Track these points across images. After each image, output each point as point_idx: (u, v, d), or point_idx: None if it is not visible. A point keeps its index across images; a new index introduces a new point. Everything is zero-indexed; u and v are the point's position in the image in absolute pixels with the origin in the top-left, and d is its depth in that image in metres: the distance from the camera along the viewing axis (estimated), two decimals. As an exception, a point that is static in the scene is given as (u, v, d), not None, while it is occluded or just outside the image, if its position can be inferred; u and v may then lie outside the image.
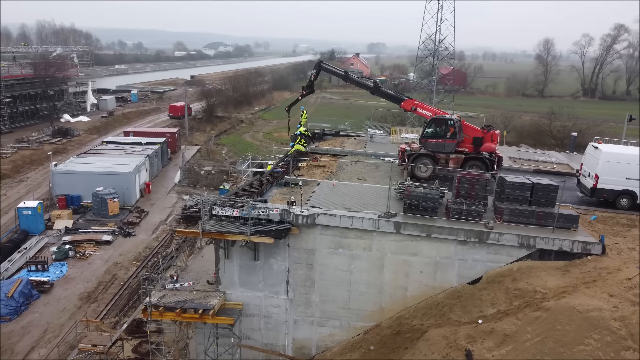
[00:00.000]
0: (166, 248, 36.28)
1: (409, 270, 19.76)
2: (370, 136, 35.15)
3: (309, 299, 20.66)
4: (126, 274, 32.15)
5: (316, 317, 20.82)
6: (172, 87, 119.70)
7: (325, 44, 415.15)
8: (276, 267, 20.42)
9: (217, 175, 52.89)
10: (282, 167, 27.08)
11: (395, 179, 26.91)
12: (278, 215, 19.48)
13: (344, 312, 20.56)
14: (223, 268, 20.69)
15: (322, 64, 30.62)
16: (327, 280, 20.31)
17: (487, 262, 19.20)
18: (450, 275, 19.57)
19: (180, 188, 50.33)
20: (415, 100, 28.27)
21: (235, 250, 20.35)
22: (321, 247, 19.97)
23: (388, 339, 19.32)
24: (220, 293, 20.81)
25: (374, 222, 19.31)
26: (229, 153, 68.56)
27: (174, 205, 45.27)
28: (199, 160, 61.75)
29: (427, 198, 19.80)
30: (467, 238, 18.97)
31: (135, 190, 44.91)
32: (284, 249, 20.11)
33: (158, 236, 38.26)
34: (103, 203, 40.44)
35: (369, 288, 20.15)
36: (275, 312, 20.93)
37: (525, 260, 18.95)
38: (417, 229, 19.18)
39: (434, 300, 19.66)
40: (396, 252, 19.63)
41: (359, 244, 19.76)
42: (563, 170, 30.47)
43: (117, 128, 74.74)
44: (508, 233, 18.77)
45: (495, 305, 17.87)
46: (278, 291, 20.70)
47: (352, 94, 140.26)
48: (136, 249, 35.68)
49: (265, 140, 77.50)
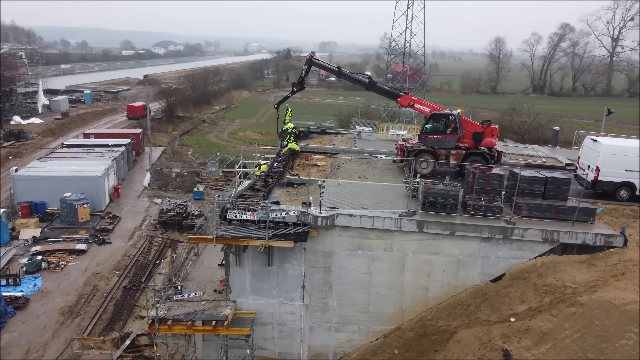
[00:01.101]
0: (146, 255, 34.29)
1: (431, 269, 19.16)
2: (358, 133, 34.47)
3: (326, 304, 19.70)
4: (107, 284, 30.08)
5: (333, 323, 19.89)
6: (126, 87, 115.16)
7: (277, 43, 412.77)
8: (291, 272, 19.35)
9: (188, 177, 50.85)
10: (279, 166, 25.98)
11: (395, 176, 26.46)
12: (295, 218, 18.43)
13: (363, 316, 19.75)
14: (234, 275, 19.41)
15: (313, 59, 29.63)
16: (345, 283, 19.42)
17: (510, 259, 18.87)
18: (473, 273, 19.12)
19: (150, 191, 48.03)
20: (412, 95, 27.76)
21: (247, 256, 19.14)
22: (340, 249, 19.07)
23: (413, 342, 18.66)
24: (231, 302, 19.53)
25: (396, 222, 18.59)
26: (195, 154, 66.37)
27: (147, 209, 43.05)
28: (166, 162, 59.36)
29: (446, 195, 19.27)
30: (492, 235, 18.56)
31: (105, 195, 42.44)
32: (299, 252, 19.06)
33: (135, 243, 36.15)
34: (72, 209, 37.89)
35: (389, 290, 19.42)
36: (290, 320, 19.85)
37: (548, 255, 18.74)
38: (440, 227, 18.60)
39: (457, 300, 19.15)
40: (418, 252, 18.99)
41: (380, 245, 18.99)
42: (552, 164, 30.77)
43: (74, 130, 70.87)
44: (532, 228, 18.49)
45: (526, 303, 17.53)
46: (293, 297, 19.62)
47: (311, 93, 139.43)
48: (114, 257, 33.53)
49: (230, 140, 75.65)
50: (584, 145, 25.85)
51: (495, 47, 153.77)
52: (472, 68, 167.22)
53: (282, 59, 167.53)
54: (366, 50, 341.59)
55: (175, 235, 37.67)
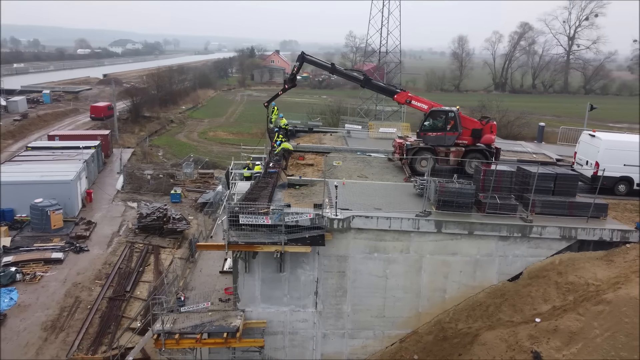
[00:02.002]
0: (128, 263, 32.53)
1: (448, 270, 18.63)
2: (348, 132, 33.78)
3: (340, 309, 18.89)
4: (90, 295, 28.25)
5: (347, 329, 19.10)
6: (86, 87, 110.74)
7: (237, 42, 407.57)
8: (304, 277, 18.43)
9: (164, 179, 48.95)
10: (275, 167, 25.00)
11: (395, 174, 25.88)
12: (309, 221, 17.52)
13: (378, 320, 19.04)
14: (242, 283, 18.34)
15: (305, 55, 28.69)
16: (360, 287, 18.66)
17: (527, 257, 18.56)
18: (490, 273, 18.71)
19: (124, 195, 45.87)
20: (409, 92, 27.24)
21: (257, 263, 18.10)
22: (355, 253, 18.29)
23: (433, 346, 18.07)
24: (240, 311, 18.46)
25: (414, 222, 17.95)
26: (166, 155, 64.22)
27: (123, 214, 41.02)
28: (137, 163, 57.05)
29: (461, 193, 18.77)
30: (510, 233, 18.19)
31: (78, 199, 40.18)
32: (312, 257, 18.17)
33: (115, 250, 34.26)
34: (44, 216, 35.61)
35: (405, 293, 18.78)
36: (302, 328, 18.93)
37: (565, 253, 18.51)
38: (458, 227, 18.09)
39: (475, 301, 18.69)
40: (435, 253, 18.42)
41: (396, 247, 18.31)
42: (543, 160, 30.91)
43: (35, 132, 67.37)
44: (551, 226, 18.22)
45: (549, 302, 17.20)
46: (305, 304, 18.71)
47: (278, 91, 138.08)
48: (94, 265, 31.62)
49: (201, 141, 73.66)
50: (581, 140, 25.96)
51: (458, 45, 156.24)
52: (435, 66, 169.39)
53: (246, 58, 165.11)
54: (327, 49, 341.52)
55: (156, 241, 35.93)
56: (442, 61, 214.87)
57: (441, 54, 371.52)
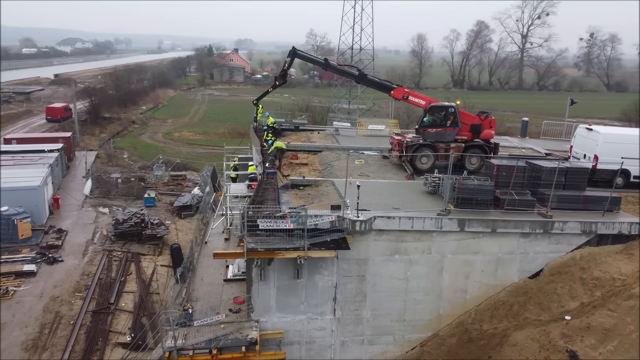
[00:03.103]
0: (108, 272, 30.55)
1: (470, 270, 18.07)
2: (336, 129, 32.91)
3: (360, 315, 18.00)
4: (71, 309, 26.24)
5: (367, 336, 18.24)
6: (38, 87, 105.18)
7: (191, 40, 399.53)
8: (322, 283, 17.43)
9: (135, 182, 46.65)
10: (273, 167, 23.86)
11: (395, 172, 25.22)
12: (328, 223, 16.55)
13: (399, 325, 18.27)
14: (257, 292, 17.16)
15: (297, 51, 27.64)
16: (380, 291, 17.84)
17: (548, 254, 18.23)
18: (511, 271, 18.27)
19: (93, 200, 43.37)
20: (406, 88, 26.64)
21: (272, 270, 16.96)
22: (375, 255, 17.44)
23: (458, 348, 17.45)
24: (254, 322, 17.28)
25: (437, 222, 17.27)
26: (132, 157, 61.57)
27: (95, 220, 38.69)
28: (102, 167, 54.33)
29: (480, 190, 18.25)
30: (532, 230, 17.78)
31: (45, 206, 37.61)
32: (331, 262, 17.20)
33: (92, 259, 32.13)
34: (10, 225, 33.02)
35: (426, 295, 18.09)
36: (320, 336, 17.93)
37: (585, 247, 18.28)
38: (482, 225, 17.54)
39: (497, 300, 18.21)
40: (457, 252, 17.82)
41: (417, 247, 17.59)
42: (533, 154, 31.00)
43: (-14, 135, 63.09)
44: (572, 221, 17.95)
45: (576, 299, 16.89)
46: (323, 311, 17.72)
47: (239, 90, 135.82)
48: (71, 277, 29.49)
49: (167, 141, 71.12)
50: (577, 134, 26.05)
51: (417, 43, 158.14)
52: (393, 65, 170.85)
53: (204, 57, 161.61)
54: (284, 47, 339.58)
55: (135, 248, 33.97)
56: (398, 59, 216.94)
57: (395, 52, 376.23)
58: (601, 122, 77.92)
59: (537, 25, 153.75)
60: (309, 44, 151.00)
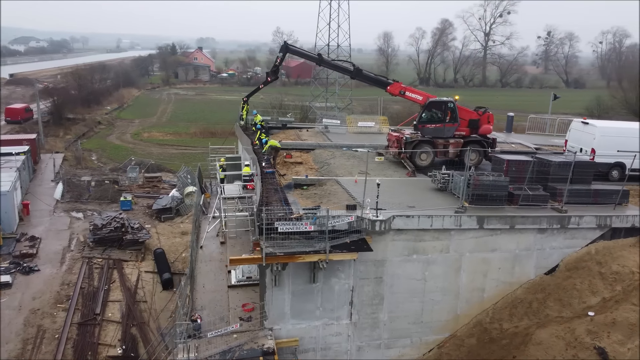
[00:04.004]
0: (90, 281, 28.89)
1: (487, 268, 17.65)
2: (325, 127, 32.12)
3: (376, 318, 17.32)
4: (54, 322, 24.60)
5: (384, 339, 17.58)
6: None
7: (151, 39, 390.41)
8: (338, 287, 16.66)
9: (109, 185, 44.60)
10: (270, 167, 22.92)
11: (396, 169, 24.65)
12: (346, 224, 15.78)
13: (416, 327, 17.68)
14: (270, 298, 16.23)
15: (289, 46, 26.72)
16: (398, 293, 17.20)
17: (563, 249, 18.01)
18: (528, 268, 17.96)
19: (66, 205, 41.18)
20: (402, 83, 26.09)
21: (286, 274, 16.07)
22: (393, 256, 16.78)
23: (479, 349, 16.99)
24: (268, 330, 16.35)
25: (456, 219, 16.74)
26: (101, 159, 59.09)
27: (70, 226, 36.69)
28: (71, 170, 51.80)
29: (496, 186, 17.84)
30: (550, 225, 17.49)
31: (15, 213, 35.40)
32: (348, 264, 16.44)
33: (71, 267, 30.33)
34: (-21, 234, 30.91)
35: (444, 295, 17.57)
36: (335, 342, 17.16)
37: (599, 242, 18.14)
38: (500, 222, 17.13)
39: (514, 298, 17.85)
40: (474, 250, 17.36)
41: (436, 247, 17.03)
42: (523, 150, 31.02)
43: (-58, 138, 59.29)
44: (587, 215, 17.76)
45: (597, 294, 16.68)
46: (339, 316, 16.95)
47: (206, 89, 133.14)
48: (51, 287, 27.73)
49: (137, 142, 68.67)
50: (572, 128, 26.10)
51: (384, 42, 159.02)
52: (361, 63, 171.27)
53: (168, 55, 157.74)
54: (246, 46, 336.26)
55: (116, 254, 32.31)
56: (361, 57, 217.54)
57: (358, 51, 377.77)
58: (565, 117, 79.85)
59: (499, 24, 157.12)
60: (275, 42, 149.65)
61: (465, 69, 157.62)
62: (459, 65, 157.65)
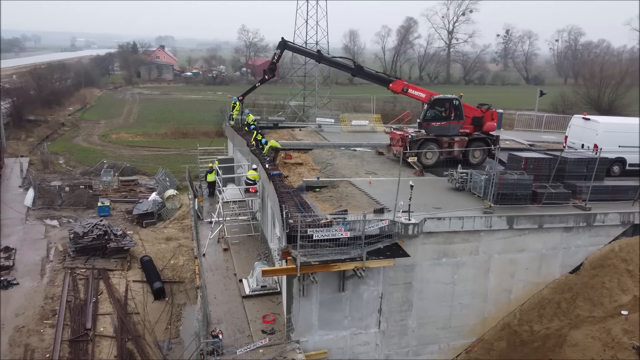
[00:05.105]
0: (75, 293, 27.10)
1: (515, 269, 17.23)
2: (319, 126, 31.24)
3: (405, 325, 16.62)
4: (42, 340, 22.85)
5: (412, 347, 16.91)
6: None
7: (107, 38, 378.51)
8: (367, 294, 15.87)
9: (84, 190, 42.35)
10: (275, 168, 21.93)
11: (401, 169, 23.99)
12: (377, 229, 15.01)
13: (444, 332, 17.10)
14: (297, 309, 15.29)
15: (287, 43, 25.66)
16: (427, 299, 16.56)
17: (588, 247, 17.79)
18: (554, 267, 17.65)
19: (38, 212, 38.82)
20: (404, 80, 25.51)
21: (314, 284, 15.15)
22: (422, 260, 16.12)
23: (511, 352, 16.53)
24: (294, 343, 15.41)
25: (486, 220, 16.21)
26: (69, 162, 56.21)
27: (46, 235, 34.52)
28: (39, 174, 49.00)
29: (520, 185, 17.43)
30: (576, 223, 17.21)
31: (-15, 223, 33.07)
32: (377, 270, 15.67)
33: (53, 279, 28.40)
34: (-51, 247, 28.57)
35: (472, 298, 17.05)
36: (363, 352, 16.38)
37: (622, 238, 18.01)
38: (529, 221, 16.72)
39: (541, 298, 17.50)
40: (503, 252, 16.91)
41: (465, 249, 16.48)
42: (517, 146, 31.03)
43: None
44: (612, 212, 17.57)
45: (628, 292, 16.49)
46: (368, 325, 16.18)
47: (170, 89, 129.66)
48: (34, 302, 25.83)
49: (106, 144, 65.81)
50: (572, 124, 26.11)
51: (350, 40, 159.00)
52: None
53: (129, 54, 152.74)
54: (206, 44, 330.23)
55: (100, 263, 30.50)
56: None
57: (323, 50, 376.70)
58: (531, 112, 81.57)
59: (461, 22, 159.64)
60: (241, 40, 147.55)
61: (430, 66, 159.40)
62: (424, 63, 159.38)
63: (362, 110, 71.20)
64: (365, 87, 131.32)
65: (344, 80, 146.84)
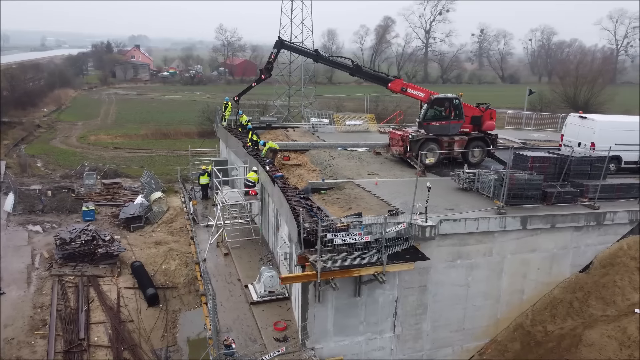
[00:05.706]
0: (65, 302, 26.16)
1: (527, 269, 17.15)
2: (313, 126, 30.82)
3: (420, 329, 16.36)
4: (35, 352, 21.93)
5: (426, 350, 16.66)
6: None
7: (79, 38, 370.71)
8: (382, 299, 15.56)
9: (67, 194, 41.02)
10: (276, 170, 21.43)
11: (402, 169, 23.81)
12: (394, 233, 14.70)
13: (458, 335, 16.90)
14: (313, 315, 14.88)
15: (284, 42, 25.20)
16: (441, 301, 16.33)
17: (597, 246, 17.83)
18: (564, 267, 17.63)
19: (19, 218, 37.50)
20: (403, 79, 25.28)
21: (330, 290, 14.75)
22: (437, 262, 15.88)
23: (526, 353, 16.42)
24: (309, 351, 15.00)
25: (501, 221, 16.06)
26: (48, 165, 54.51)
27: (29, 241, 33.32)
28: (17, 178, 47.37)
29: (531, 184, 17.34)
30: (587, 222, 17.20)
31: (-36, 229, 31.71)
32: (393, 274, 15.33)
33: (40, 288, 27.37)
34: None
35: (485, 300, 16.90)
36: (378, 357, 16.06)
37: (629, 236, 18.08)
38: (542, 221, 16.63)
39: (552, 298, 17.45)
40: (516, 252, 16.81)
41: (479, 250, 16.30)
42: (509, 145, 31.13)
43: None
44: (621, 210, 17.62)
45: (639, 290, 16.52)
46: (383, 329, 15.86)
47: (147, 89, 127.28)
48: (22, 312, 24.82)
49: (85, 146, 64.03)
50: (569, 122, 26.26)
51: (328, 39, 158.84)
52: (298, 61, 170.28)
53: (104, 54, 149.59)
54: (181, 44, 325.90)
55: (89, 270, 29.56)
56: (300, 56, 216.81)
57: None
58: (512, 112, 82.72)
59: (438, 21, 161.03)
60: (219, 39, 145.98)
61: (408, 65, 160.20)
62: (402, 62, 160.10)
63: (344, 109, 71.04)
64: (343, 87, 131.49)
65: (323, 80, 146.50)
